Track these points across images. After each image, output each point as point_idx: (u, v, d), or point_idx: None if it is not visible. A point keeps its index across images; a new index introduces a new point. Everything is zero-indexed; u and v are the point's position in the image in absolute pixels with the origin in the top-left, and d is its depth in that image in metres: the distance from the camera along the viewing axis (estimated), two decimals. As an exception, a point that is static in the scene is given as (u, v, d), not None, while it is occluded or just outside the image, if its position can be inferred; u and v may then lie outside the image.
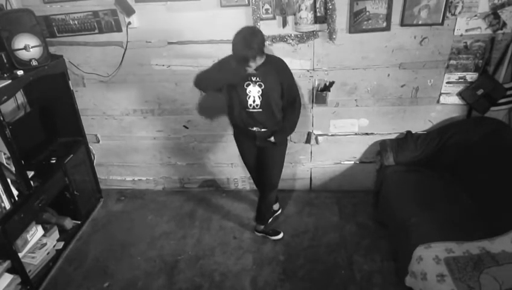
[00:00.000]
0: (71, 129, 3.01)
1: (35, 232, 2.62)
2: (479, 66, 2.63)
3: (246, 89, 2.26)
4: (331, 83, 2.76)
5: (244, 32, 2.10)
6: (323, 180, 3.25)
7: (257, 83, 2.24)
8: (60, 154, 2.85)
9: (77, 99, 2.95)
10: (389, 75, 2.74)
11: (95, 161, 3.31)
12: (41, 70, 2.49)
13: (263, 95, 2.25)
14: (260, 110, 2.29)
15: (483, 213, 2.25)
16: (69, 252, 2.80)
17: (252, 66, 2.17)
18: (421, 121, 2.90)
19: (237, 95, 2.27)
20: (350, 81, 2.78)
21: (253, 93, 2.26)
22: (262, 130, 2.37)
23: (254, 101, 2.27)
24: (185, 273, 2.56)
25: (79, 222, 3.01)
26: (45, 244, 2.63)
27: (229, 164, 3.28)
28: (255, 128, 2.37)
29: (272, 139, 2.38)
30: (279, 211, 3.06)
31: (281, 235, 2.81)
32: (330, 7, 2.47)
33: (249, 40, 2.07)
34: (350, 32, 2.58)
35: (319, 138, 3.04)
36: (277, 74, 2.25)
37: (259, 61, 2.20)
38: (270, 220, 2.92)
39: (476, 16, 2.46)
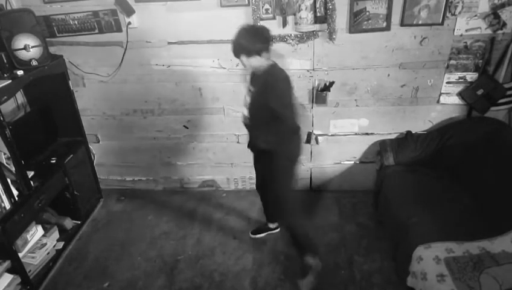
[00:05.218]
0: (71, 129, 3.01)
1: (35, 232, 2.62)
2: (479, 66, 2.63)
3: (246, 98, 2.16)
4: (331, 83, 2.76)
5: (241, 27, 1.97)
6: (323, 180, 3.25)
7: (250, 93, 2.11)
8: (60, 154, 2.85)
9: (77, 99, 2.95)
10: (389, 75, 2.74)
11: (95, 161, 3.30)
12: (41, 70, 2.49)
13: (249, 109, 2.11)
14: (249, 123, 2.15)
15: (483, 213, 2.25)
16: (69, 252, 2.80)
17: (245, 62, 2.01)
18: (421, 121, 2.90)
19: None
20: (350, 81, 2.78)
21: (247, 104, 2.14)
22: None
23: (246, 113, 2.14)
24: (185, 273, 2.56)
25: (79, 222, 3.01)
26: (45, 244, 2.63)
27: (229, 164, 3.28)
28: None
29: None
30: (277, 229, 2.80)
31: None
32: (330, 7, 2.47)
33: (237, 35, 1.96)
34: (350, 32, 2.58)
35: (319, 138, 3.04)
36: (262, 91, 2.01)
37: (247, 62, 1.99)
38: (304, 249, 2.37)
39: (476, 16, 2.46)
